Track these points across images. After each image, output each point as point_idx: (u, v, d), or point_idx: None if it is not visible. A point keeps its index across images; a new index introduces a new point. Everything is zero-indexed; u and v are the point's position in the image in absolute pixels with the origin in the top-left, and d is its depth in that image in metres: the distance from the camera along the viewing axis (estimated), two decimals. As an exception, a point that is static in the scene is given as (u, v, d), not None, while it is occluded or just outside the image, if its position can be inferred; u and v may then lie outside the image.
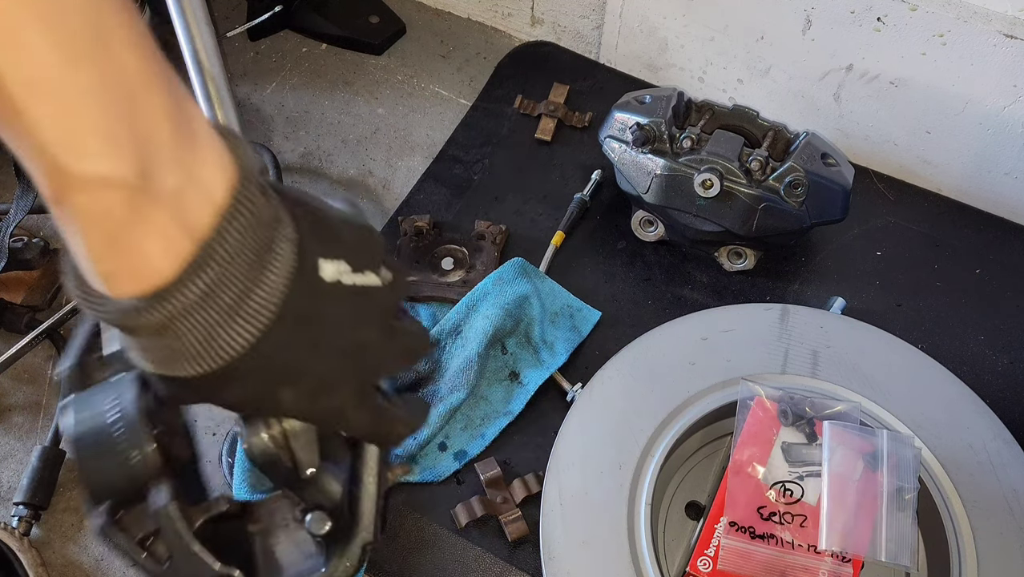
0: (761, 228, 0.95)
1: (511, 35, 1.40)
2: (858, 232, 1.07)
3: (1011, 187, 1.10)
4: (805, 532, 0.79)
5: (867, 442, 0.82)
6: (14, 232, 0.99)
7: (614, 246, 1.06)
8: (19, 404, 1.06)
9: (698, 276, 1.04)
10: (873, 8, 1.02)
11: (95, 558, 0.97)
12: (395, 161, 1.26)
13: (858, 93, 1.11)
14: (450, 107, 1.31)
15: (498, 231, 1.04)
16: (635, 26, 1.22)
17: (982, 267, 1.04)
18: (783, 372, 0.88)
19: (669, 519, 0.85)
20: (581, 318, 0.99)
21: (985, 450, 0.83)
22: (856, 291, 1.02)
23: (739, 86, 1.20)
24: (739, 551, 0.79)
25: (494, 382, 0.94)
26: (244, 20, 1.38)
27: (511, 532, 0.85)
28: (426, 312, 0.99)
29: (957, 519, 0.79)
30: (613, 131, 1.00)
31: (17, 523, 0.95)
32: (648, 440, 0.84)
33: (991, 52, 0.99)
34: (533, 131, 1.16)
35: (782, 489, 0.81)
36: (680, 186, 0.96)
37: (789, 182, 0.93)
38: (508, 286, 0.97)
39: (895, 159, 1.15)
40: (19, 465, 1.02)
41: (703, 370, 0.88)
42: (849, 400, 0.85)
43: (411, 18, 1.41)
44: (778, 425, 0.84)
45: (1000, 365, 0.97)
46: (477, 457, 0.90)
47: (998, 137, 1.06)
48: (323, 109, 1.31)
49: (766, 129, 1.00)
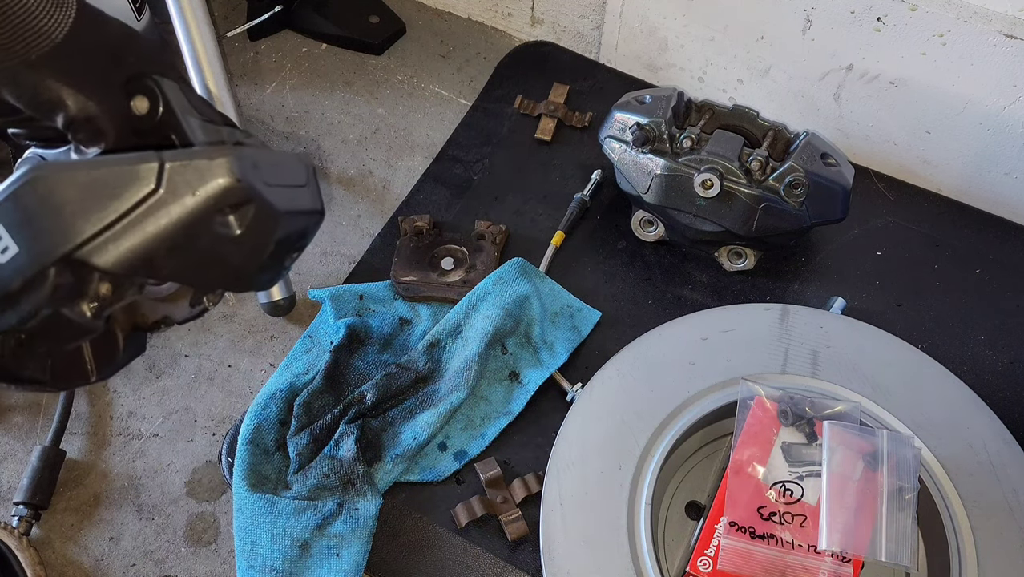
0: (761, 228, 0.95)
1: (511, 35, 1.40)
2: (858, 232, 1.07)
3: (1011, 187, 1.10)
4: (805, 532, 0.79)
5: (867, 442, 0.82)
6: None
7: (614, 246, 1.06)
8: (19, 404, 1.06)
9: (698, 276, 1.04)
10: (873, 8, 1.02)
11: (95, 558, 0.97)
12: (395, 161, 1.26)
13: (858, 93, 1.11)
14: (450, 107, 1.31)
15: (498, 231, 1.04)
16: (635, 26, 1.22)
17: (982, 267, 1.04)
18: (783, 372, 0.88)
19: (669, 519, 0.85)
20: (581, 318, 0.99)
21: (985, 450, 0.83)
22: (856, 291, 1.02)
23: (739, 86, 1.20)
24: (739, 551, 0.79)
25: (494, 382, 0.94)
26: (244, 20, 1.38)
27: (511, 532, 0.85)
28: (426, 312, 0.99)
29: (957, 519, 0.79)
30: (613, 131, 1.00)
31: (17, 523, 0.95)
32: (648, 440, 0.84)
33: (991, 52, 0.99)
34: (533, 131, 1.16)
35: (782, 489, 0.81)
36: (680, 186, 0.96)
37: (789, 182, 0.93)
38: (508, 286, 0.97)
39: (895, 159, 1.15)
40: (19, 465, 1.02)
41: (703, 370, 0.88)
42: (849, 400, 0.85)
43: (411, 18, 1.41)
44: (778, 425, 0.84)
45: (1000, 365, 0.97)
46: (477, 457, 0.90)
47: (998, 137, 1.06)
48: (323, 109, 1.31)
49: (766, 129, 1.00)
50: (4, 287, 0.41)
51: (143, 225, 0.42)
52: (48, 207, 0.41)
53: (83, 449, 1.03)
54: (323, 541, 0.83)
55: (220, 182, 0.42)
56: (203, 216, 0.43)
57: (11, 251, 0.41)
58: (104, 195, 0.41)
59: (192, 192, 0.42)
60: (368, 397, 0.90)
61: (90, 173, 0.42)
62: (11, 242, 0.41)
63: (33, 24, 0.48)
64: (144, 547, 0.98)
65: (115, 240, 0.41)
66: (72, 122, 0.50)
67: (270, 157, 0.47)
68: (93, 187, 0.42)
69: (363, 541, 0.83)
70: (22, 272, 0.41)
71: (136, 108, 0.50)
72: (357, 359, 0.95)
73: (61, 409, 1.02)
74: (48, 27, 0.48)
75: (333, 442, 0.87)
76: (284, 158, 0.48)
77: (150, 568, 0.97)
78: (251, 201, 0.44)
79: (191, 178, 0.42)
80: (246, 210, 0.44)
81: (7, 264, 0.41)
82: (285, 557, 0.81)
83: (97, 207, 0.41)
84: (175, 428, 1.05)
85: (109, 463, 1.03)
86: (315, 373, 0.93)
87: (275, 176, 0.46)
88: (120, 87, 0.51)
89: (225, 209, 0.43)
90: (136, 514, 1.00)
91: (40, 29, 0.48)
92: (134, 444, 1.04)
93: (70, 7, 0.49)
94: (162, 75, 0.51)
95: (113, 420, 1.05)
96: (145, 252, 0.42)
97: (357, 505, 0.84)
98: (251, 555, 0.81)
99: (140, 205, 0.41)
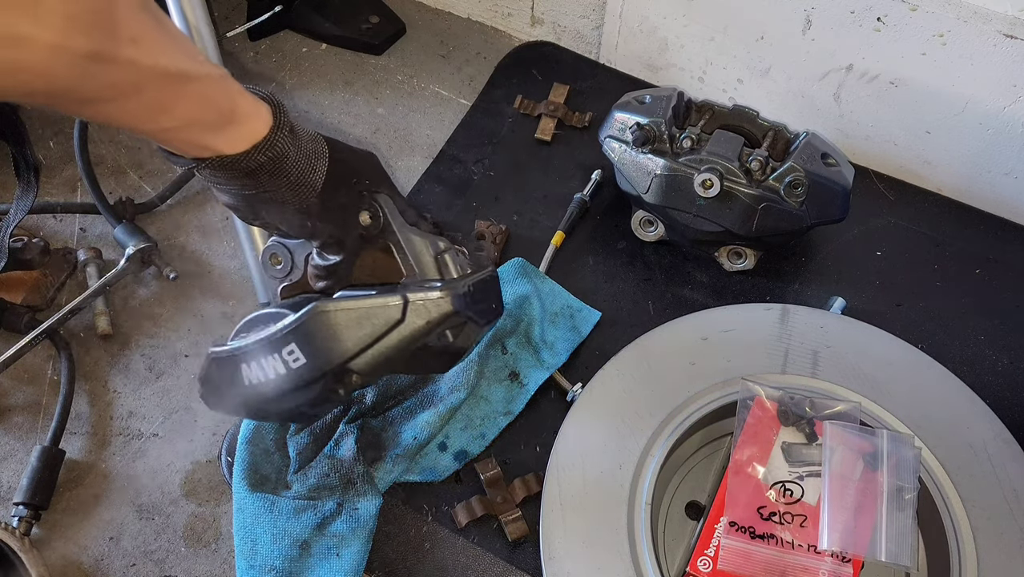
0: (761, 228, 0.95)
1: (511, 35, 1.40)
2: (858, 232, 1.07)
3: (1011, 187, 1.10)
4: (805, 532, 0.79)
5: (867, 442, 0.82)
6: (14, 232, 0.99)
7: (614, 246, 1.06)
8: (19, 404, 1.06)
9: (698, 276, 1.04)
10: (873, 8, 1.02)
11: (95, 558, 0.97)
12: (395, 161, 1.26)
13: (858, 93, 1.11)
14: (450, 107, 1.31)
15: (498, 231, 1.04)
16: (635, 26, 1.22)
17: (982, 267, 1.04)
18: (783, 372, 0.88)
19: (669, 519, 0.85)
20: (581, 318, 0.99)
21: (985, 450, 0.83)
22: (856, 291, 1.02)
23: (739, 86, 1.20)
24: (739, 551, 0.79)
25: (494, 382, 0.94)
26: (244, 20, 1.38)
27: (511, 532, 0.85)
28: (426, 312, 0.99)
29: (957, 519, 0.79)
30: (613, 131, 1.00)
31: (17, 523, 0.95)
32: (648, 440, 0.84)
33: (991, 52, 0.99)
34: (533, 131, 1.16)
35: (782, 489, 0.81)
36: (680, 186, 0.96)
37: (789, 182, 0.93)
38: (508, 286, 0.97)
39: (895, 159, 1.15)
40: (19, 465, 1.02)
41: (703, 370, 0.88)
42: (849, 400, 0.85)
43: (411, 18, 1.41)
44: (778, 425, 0.84)
45: (1000, 365, 0.97)
46: (477, 457, 0.90)
47: (998, 137, 1.06)
48: (323, 109, 1.31)
49: (766, 129, 1.00)
50: (295, 384, 0.61)
51: (388, 343, 0.61)
52: (328, 332, 0.60)
53: (83, 449, 1.03)
54: (323, 541, 0.83)
55: (444, 311, 0.62)
56: (429, 334, 0.62)
57: (300, 361, 0.60)
58: (365, 325, 0.60)
59: (426, 320, 0.61)
60: (368, 397, 0.90)
61: (357, 309, 0.61)
62: (300, 355, 0.60)
63: (304, 180, 0.60)
64: (144, 547, 0.98)
65: (370, 354, 0.61)
66: (324, 245, 0.65)
67: (478, 283, 0.65)
68: (359, 319, 0.61)
69: (363, 541, 0.83)
70: (306, 377, 0.60)
71: (362, 221, 0.66)
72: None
73: (60, 409, 1.02)
74: (314, 180, 0.61)
75: (333, 442, 0.87)
76: (485, 279, 0.66)
77: (150, 568, 0.97)
78: (465, 323, 0.64)
79: (427, 310, 0.61)
80: (460, 328, 0.65)
81: (296, 370, 0.60)
82: (285, 557, 0.81)
83: (361, 333, 0.60)
84: (175, 428, 1.05)
85: (109, 463, 1.03)
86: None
87: (480, 297, 0.64)
88: (356, 209, 0.66)
89: (445, 328, 0.63)
90: (136, 514, 1.00)
91: (308, 183, 0.61)
92: (134, 444, 1.04)
93: (325, 156, 0.62)
94: (379, 190, 0.67)
95: (113, 420, 1.05)
96: (386, 360, 0.61)
97: (357, 505, 0.84)
98: (251, 555, 0.81)
99: (389, 332, 0.61)
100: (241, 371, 0.62)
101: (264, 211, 0.62)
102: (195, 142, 0.55)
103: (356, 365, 0.60)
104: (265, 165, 0.58)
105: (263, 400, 0.62)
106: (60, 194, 1.22)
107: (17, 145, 0.93)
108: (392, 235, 0.68)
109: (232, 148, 0.56)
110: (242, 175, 0.58)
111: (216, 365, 0.64)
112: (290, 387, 0.61)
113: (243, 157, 0.56)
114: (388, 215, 0.67)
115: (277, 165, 0.58)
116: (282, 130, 0.58)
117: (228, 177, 0.58)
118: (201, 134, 0.55)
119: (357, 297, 0.62)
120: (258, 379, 0.61)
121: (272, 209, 0.61)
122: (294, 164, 0.59)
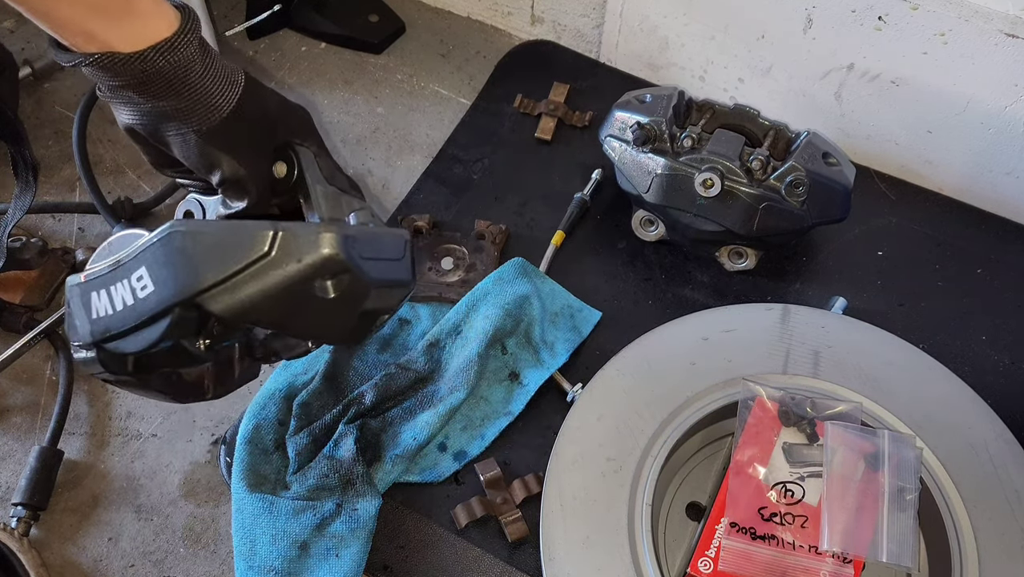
0: (762, 228, 0.95)
1: (511, 34, 1.40)
2: (859, 232, 1.07)
3: (1012, 187, 1.10)
4: (806, 533, 0.79)
5: (868, 442, 0.82)
6: (12, 232, 0.99)
7: (614, 246, 1.06)
8: (18, 404, 1.06)
9: (699, 276, 1.03)
10: (874, 7, 1.02)
11: (94, 559, 0.97)
12: (395, 160, 1.26)
13: (859, 92, 1.11)
14: (450, 106, 1.31)
15: (498, 231, 1.04)
16: (636, 25, 1.22)
17: (984, 267, 1.04)
18: (784, 372, 0.88)
19: (670, 520, 0.85)
20: (581, 318, 0.98)
21: (987, 450, 0.83)
22: (857, 291, 1.02)
23: (740, 85, 1.20)
24: (740, 552, 0.79)
25: (494, 382, 0.94)
26: (243, 19, 1.38)
27: (511, 533, 0.85)
28: (426, 312, 0.98)
29: (958, 520, 0.79)
30: (613, 130, 1.00)
31: (16, 524, 0.95)
32: (648, 440, 0.84)
33: (992, 51, 0.99)
34: (533, 130, 1.15)
35: (783, 490, 0.81)
36: (681, 185, 0.95)
37: (790, 181, 0.93)
38: (508, 286, 0.96)
39: (896, 158, 1.15)
40: (18, 465, 1.01)
41: (704, 370, 0.88)
42: (850, 400, 0.85)
43: (411, 17, 1.41)
44: (779, 425, 0.84)
45: (1002, 365, 0.97)
46: (477, 457, 0.90)
47: (999, 137, 1.06)
48: (322, 108, 1.31)
49: (767, 128, 0.99)
50: (137, 318, 0.51)
51: (253, 282, 0.50)
52: (182, 257, 0.50)
53: (82, 450, 1.03)
54: (322, 541, 0.82)
55: (323, 252, 0.51)
56: (304, 279, 0.51)
57: (148, 290, 0.51)
58: (227, 253, 0.50)
59: (298, 259, 0.50)
60: (367, 397, 0.89)
61: (218, 234, 0.51)
62: (149, 281, 0.51)
63: (207, 100, 0.55)
64: (143, 548, 0.98)
65: (229, 292, 0.50)
66: (223, 182, 0.58)
67: (370, 233, 0.56)
68: (219, 246, 0.50)
69: (362, 541, 0.83)
70: (152, 309, 0.50)
71: (276, 172, 0.60)
72: (356, 359, 0.95)
73: (59, 409, 1.02)
74: (219, 103, 0.55)
75: (332, 442, 0.87)
76: (384, 234, 0.57)
77: (149, 569, 0.96)
78: (347, 271, 0.52)
79: (299, 247, 0.50)
80: (342, 278, 0.52)
81: (143, 300, 0.51)
82: (284, 557, 0.81)
83: (219, 263, 0.50)
84: (174, 429, 1.05)
85: (108, 464, 1.02)
86: (314, 373, 0.93)
87: (372, 250, 0.55)
88: (268, 155, 0.60)
89: (325, 276, 0.52)
90: (135, 515, 0.99)
91: (213, 104, 0.55)
92: (133, 444, 1.04)
93: (239, 84, 0.57)
94: (302, 143, 0.61)
95: (112, 420, 1.05)
96: (252, 304, 0.50)
97: (356, 505, 0.84)
98: (250, 555, 0.81)
99: (253, 265, 0.50)
100: (91, 301, 0.53)
101: (165, 132, 0.56)
102: (85, 29, 0.50)
103: (215, 305, 0.50)
104: (164, 72, 0.52)
105: (109, 337, 0.53)
106: (58, 193, 1.22)
107: (15, 144, 0.93)
108: (304, 189, 0.61)
109: (127, 45, 0.51)
110: (137, 82, 0.53)
111: (71, 295, 0.55)
112: (133, 320, 0.51)
113: (138, 58, 0.51)
114: (304, 169, 0.61)
115: (179, 75, 0.53)
116: (188, 36, 0.53)
117: (122, 84, 0.53)
118: (91, 18, 0.50)
119: (224, 225, 0.54)
120: (105, 311, 0.52)
121: (172, 132, 0.55)
122: (199, 80, 0.53)
